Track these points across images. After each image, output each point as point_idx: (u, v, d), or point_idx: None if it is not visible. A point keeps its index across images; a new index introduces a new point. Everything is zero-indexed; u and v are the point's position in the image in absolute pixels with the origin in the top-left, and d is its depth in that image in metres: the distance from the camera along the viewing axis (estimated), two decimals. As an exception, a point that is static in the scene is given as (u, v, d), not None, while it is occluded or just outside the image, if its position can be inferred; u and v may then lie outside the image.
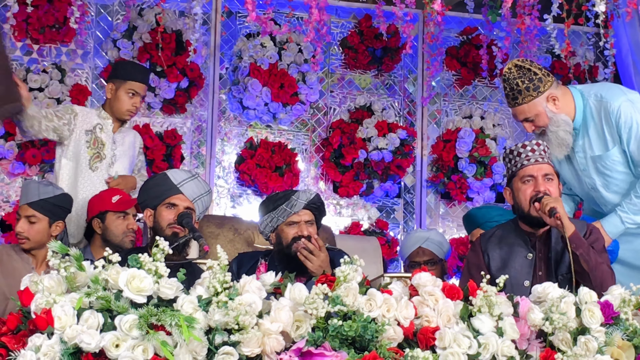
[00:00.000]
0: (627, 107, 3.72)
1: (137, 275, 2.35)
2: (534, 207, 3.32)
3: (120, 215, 4.15)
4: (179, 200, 3.50)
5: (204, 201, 3.62)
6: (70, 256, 2.42)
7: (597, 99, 3.79)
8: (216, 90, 6.11)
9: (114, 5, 6.00)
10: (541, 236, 3.42)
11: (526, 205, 3.36)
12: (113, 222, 4.15)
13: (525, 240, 3.41)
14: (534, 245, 3.40)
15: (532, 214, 3.34)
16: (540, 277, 3.31)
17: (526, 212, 3.37)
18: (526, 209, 3.36)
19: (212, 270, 2.44)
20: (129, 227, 4.16)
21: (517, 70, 3.73)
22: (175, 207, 3.49)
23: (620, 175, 3.80)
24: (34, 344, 2.30)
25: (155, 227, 3.50)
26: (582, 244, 3.24)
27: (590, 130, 3.80)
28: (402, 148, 6.23)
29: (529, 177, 3.37)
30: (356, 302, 2.48)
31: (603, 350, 2.57)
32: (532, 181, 3.36)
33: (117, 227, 4.15)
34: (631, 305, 2.70)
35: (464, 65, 6.49)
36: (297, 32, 6.14)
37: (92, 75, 5.94)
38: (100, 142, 4.56)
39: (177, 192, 3.51)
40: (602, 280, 3.16)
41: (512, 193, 3.44)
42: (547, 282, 2.79)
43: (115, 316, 2.32)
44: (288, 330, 2.43)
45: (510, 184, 3.44)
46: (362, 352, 2.41)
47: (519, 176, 3.39)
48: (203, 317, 2.37)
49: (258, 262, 3.58)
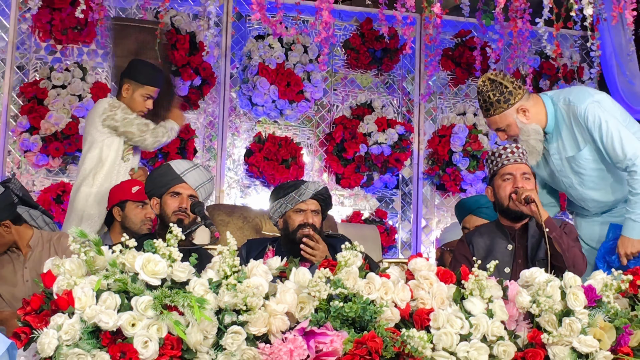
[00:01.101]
0: (593, 108, 3.72)
1: (152, 259, 2.36)
2: (512, 199, 3.43)
3: (139, 204, 4.13)
4: (182, 188, 3.49)
5: (206, 188, 3.61)
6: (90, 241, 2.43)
7: (565, 103, 3.80)
8: (227, 88, 6.12)
9: (132, 8, 6.00)
10: (519, 229, 3.52)
11: (506, 200, 3.47)
12: (132, 211, 4.14)
13: (506, 234, 3.51)
14: (514, 238, 3.50)
15: (512, 208, 3.45)
16: (519, 265, 3.42)
17: (505, 206, 3.48)
18: (505, 204, 3.48)
19: (222, 255, 2.45)
20: (147, 216, 4.13)
21: (490, 83, 3.77)
22: (179, 195, 3.48)
23: (594, 172, 3.82)
24: (56, 323, 2.30)
25: (161, 215, 3.50)
26: (555, 229, 3.37)
27: (562, 133, 3.82)
28: (400, 143, 6.23)
29: (508, 175, 3.48)
30: (356, 285, 2.49)
31: (586, 331, 2.57)
32: (511, 179, 3.48)
33: (136, 215, 4.14)
34: (612, 289, 2.70)
35: (458, 66, 6.49)
36: (303, 34, 6.16)
37: (112, 74, 5.94)
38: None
39: (181, 181, 3.50)
40: (574, 261, 3.33)
41: (493, 191, 3.55)
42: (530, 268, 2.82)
43: (132, 297, 2.33)
44: (292, 311, 2.44)
45: (492, 183, 3.55)
46: (361, 332, 2.42)
47: (500, 174, 3.50)
48: (213, 299, 2.38)
49: (266, 248, 3.58)
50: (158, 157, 5.76)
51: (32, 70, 5.80)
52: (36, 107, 5.63)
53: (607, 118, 3.72)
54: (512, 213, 3.47)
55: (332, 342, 2.38)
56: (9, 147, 5.67)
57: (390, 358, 2.40)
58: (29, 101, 5.68)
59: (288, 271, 2.55)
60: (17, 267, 3.66)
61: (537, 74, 6.51)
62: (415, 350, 2.38)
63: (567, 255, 3.31)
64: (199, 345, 2.33)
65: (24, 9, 5.74)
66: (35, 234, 3.73)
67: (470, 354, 2.47)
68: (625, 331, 2.63)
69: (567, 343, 2.56)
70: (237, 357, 2.33)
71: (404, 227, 6.40)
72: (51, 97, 5.67)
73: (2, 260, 3.68)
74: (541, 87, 6.50)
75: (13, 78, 5.74)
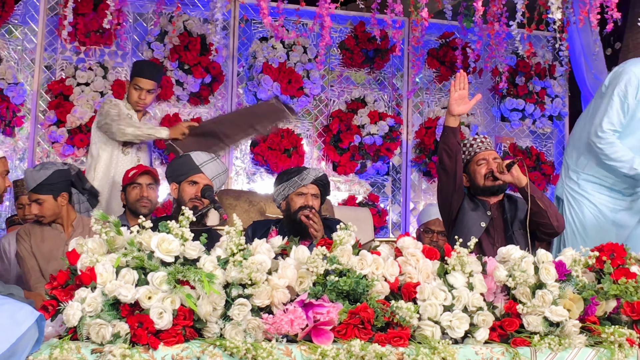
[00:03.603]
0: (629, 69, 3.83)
1: (166, 238, 2.35)
2: (489, 181, 3.55)
3: (135, 185, 4.07)
4: (199, 178, 3.49)
5: (221, 179, 3.62)
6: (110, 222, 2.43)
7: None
8: (234, 85, 6.10)
9: (148, 13, 5.98)
10: (494, 204, 3.62)
11: (481, 181, 3.58)
12: (130, 193, 4.08)
13: (485, 207, 3.59)
14: (490, 209, 3.59)
15: (487, 185, 3.57)
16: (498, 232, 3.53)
17: (482, 185, 3.59)
18: (482, 184, 3.59)
19: (229, 235, 2.44)
20: (142, 195, 4.05)
21: None
22: (196, 184, 3.48)
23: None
24: (80, 297, 2.30)
25: (179, 199, 3.50)
26: (536, 190, 3.47)
27: None
28: (390, 134, 6.22)
29: (482, 159, 3.60)
30: (350, 261, 2.49)
31: (557, 302, 2.57)
32: (485, 163, 3.59)
33: (131, 195, 4.07)
34: (581, 265, 2.69)
35: (442, 64, 6.47)
36: (303, 36, 6.13)
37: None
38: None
39: (199, 172, 3.50)
40: (557, 216, 3.45)
41: (467, 177, 3.62)
42: (506, 240, 2.84)
43: (148, 273, 2.32)
44: (293, 285, 2.44)
45: (467, 169, 3.62)
46: (354, 304, 2.42)
47: (474, 161, 3.61)
48: (221, 274, 2.37)
49: (270, 229, 3.57)
50: (173, 148, 5.74)
51: (58, 69, 5.79)
52: (62, 103, 5.62)
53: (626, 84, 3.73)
54: (488, 189, 3.57)
55: (329, 313, 2.38)
56: (38, 138, 5.67)
57: (381, 327, 2.40)
58: (56, 97, 5.67)
59: (289, 249, 2.55)
60: (58, 244, 3.65)
61: (513, 72, 6.49)
62: (404, 320, 2.39)
63: (550, 211, 3.40)
64: (209, 315, 2.33)
65: (51, 14, 5.72)
66: (77, 217, 3.77)
67: (452, 323, 2.46)
68: (592, 302, 2.63)
69: (540, 313, 2.55)
70: (243, 326, 2.33)
71: (394, 209, 6.39)
72: (76, 93, 5.66)
73: (44, 236, 3.69)
74: (517, 83, 6.48)
75: (42, 76, 5.73)
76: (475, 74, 6.46)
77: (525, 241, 3.45)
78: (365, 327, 2.36)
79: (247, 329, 2.33)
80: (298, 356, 2.32)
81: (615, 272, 2.70)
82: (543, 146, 6.71)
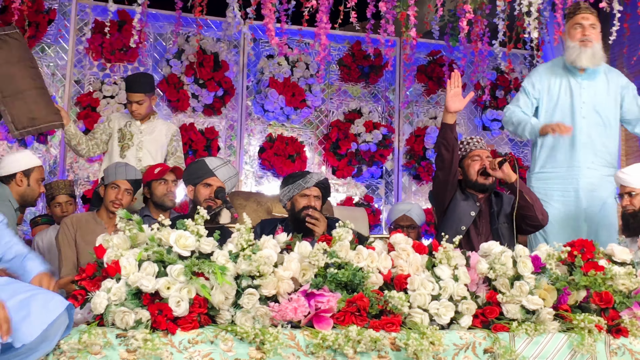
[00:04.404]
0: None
1: (183, 235, 2.35)
2: (481, 178, 3.53)
3: (161, 181, 4.03)
4: (213, 181, 3.48)
5: (232, 182, 3.61)
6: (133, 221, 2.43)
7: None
8: (244, 97, 6.10)
9: (167, 33, 5.98)
10: (482, 198, 3.61)
11: (475, 175, 3.57)
12: (156, 188, 4.02)
13: (474, 199, 3.57)
14: (479, 208, 3.56)
15: (479, 182, 3.55)
16: (484, 224, 3.51)
17: (474, 180, 3.57)
18: (474, 178, 3.57)
19: (239, 232, 2.45)
20: (169, 190, 4.03)
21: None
22: (210, 186, 3.47)
23: None
24: (106, 287, 2.30)
25: (194, 200, 3.49)
26: (524, 186, 3.47)
27: None
28: (383, 141, 6.22)
29: (476, 156, 3.59)
30: (347, 255, 2.49)
31: (533, 292, 2.57)
32: (479, 159, 3.58)
33: (159, 189, 4.02)
34: (554, 259, 2.70)
35: (430, 79, 6.46)
36: (305, 53, 6.13)
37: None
38: (129, 134, 4.50)
39: (212, 175, 3.48)
40: (542, 210, 3.43)
41: (461, 170, 3.60)
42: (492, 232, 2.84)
43: (167, 266, 2.33)
44: (296, 277, 2.44)
45: (461, 164, 3.60)
46: (352, 293, 2.42)
47: (469, 156, 3.60)
48: (232, 267, 2.37)
49: (276, 227, 3.56)
50: (189, 154, 5.74)
51: (87, 83, 5.79)
52: (90, 114, 5.62)
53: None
54: (479, 186, 3.55)
55: (329, 302, 2.38)
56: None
57: (375, 314, 2.40)
58: (84, 109, 5.67)
59: (293, 244, 2.55)
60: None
61: (494, 86, 6.48)
62: (395, 308, 2.39)
63: (536, 205, 3.39)
64: (221, 304, 2.33)
65: (80, 34, 5.72)
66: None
67: (439, 310, 2.46)
68: (565, 292, 2.63)
69: (518, 302, 2.56)
70: (252, 313, 2.33)
71: (387, 209, 6.38)
72: (102, 105, 5.66)
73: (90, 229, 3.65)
74: (497, 96, 6.47)
75: (72, 90, 5.73)
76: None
77: (510, 233, 3.45)
78: (361, 314, 2.36)
79: (255, 316, 2.33)
80: (301, 340, 2.33)
81: (585, 265, 2.70)
82: (521, 152, 6.71)
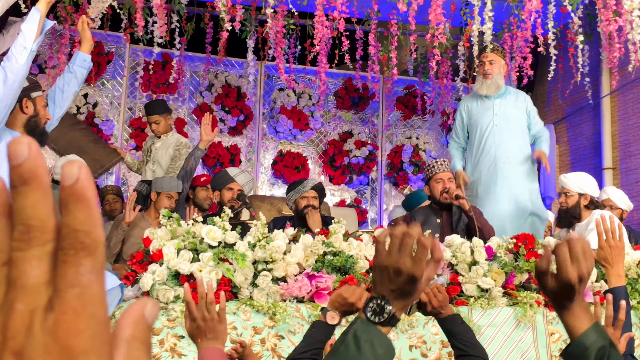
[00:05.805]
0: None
1: (212, 229, 2.37)
2: (443, 197, 3.35)
3: (204, 188, 3.99)
4: (234, 185, 3.49)
5: (249, 185, 3.61)
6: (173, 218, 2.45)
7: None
8: (260, 121, 6.11)
9: (200, 71, 6.00)
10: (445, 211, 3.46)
11: (438, 195, 3.38)
12: (200, 193, 3.98)
13: (437, 213, 3.45)
14: (441, 216, 3.44)
15: (442, 201, 3.36)
16: (446, 232, 3.36)
17: (437, 199, 3.38)
18: (438, 198, 3.38)
19: (256, 227, 2.47)
20: (208, 196, 3.99)
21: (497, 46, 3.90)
22: (232, 190, 3.48)
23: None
24: (152, 270, 2.32)
25: (220, 202, 3.50)
26: (477, 212, 3.30)
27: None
28: (370, 156, 6.23)
29: (439, 179, 3.39)
30: (341, 245, 2.51)
31: (486, 275, 2.59)
32: (441, 182, 3.38)
33: (202, 194, 3.98)
34: (503, 248, 2.72)
35: (406, 107, 6.47)
36: (308, 87, 6.16)
37: (187, 113, 5.95)
38: (149, 151, 4.39)
39: (233, 181, 3.50)
40: (489, 233, 3.21)
41: (429, 189, 3.46)
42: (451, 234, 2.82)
43: (199, 253, 2.35)
44: (301, 262, 2.46)
45: (428, 184, 3.46)
46: (344, 275, 2.44)
47: (434, 179, 3.40)
48: (251, 254, 2.39)
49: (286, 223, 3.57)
50: (217, 165, 5.75)
51: (137, 110, 5.80)
52: (140, 134, 5.63)
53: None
54: (442, 204, 3.39)
55: (326, 282, 2.39)
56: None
57: (363, 292, 2.41)
58: (135, 130, 5.68)
59: (298, 237, 2.56)
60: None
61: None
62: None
63: (484, 229, 3.20)
64: (242, 283, 2.34)
65: (132, 71, 5.76)
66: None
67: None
68: (511, 275, 2.64)
69: (474, 282, 2.57)
70: (266, 291, 2.34)
71: (372, 209, 6.40)
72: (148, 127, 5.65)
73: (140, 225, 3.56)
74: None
75: (125, 115, 5.75)
76: (430, 115, 6.49)
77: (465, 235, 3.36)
78: (352, 291, 2.37)
79: (269, 293, 2.35)
80: (305, 312, 2.34)
81: (527, 254, 2.72)
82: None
